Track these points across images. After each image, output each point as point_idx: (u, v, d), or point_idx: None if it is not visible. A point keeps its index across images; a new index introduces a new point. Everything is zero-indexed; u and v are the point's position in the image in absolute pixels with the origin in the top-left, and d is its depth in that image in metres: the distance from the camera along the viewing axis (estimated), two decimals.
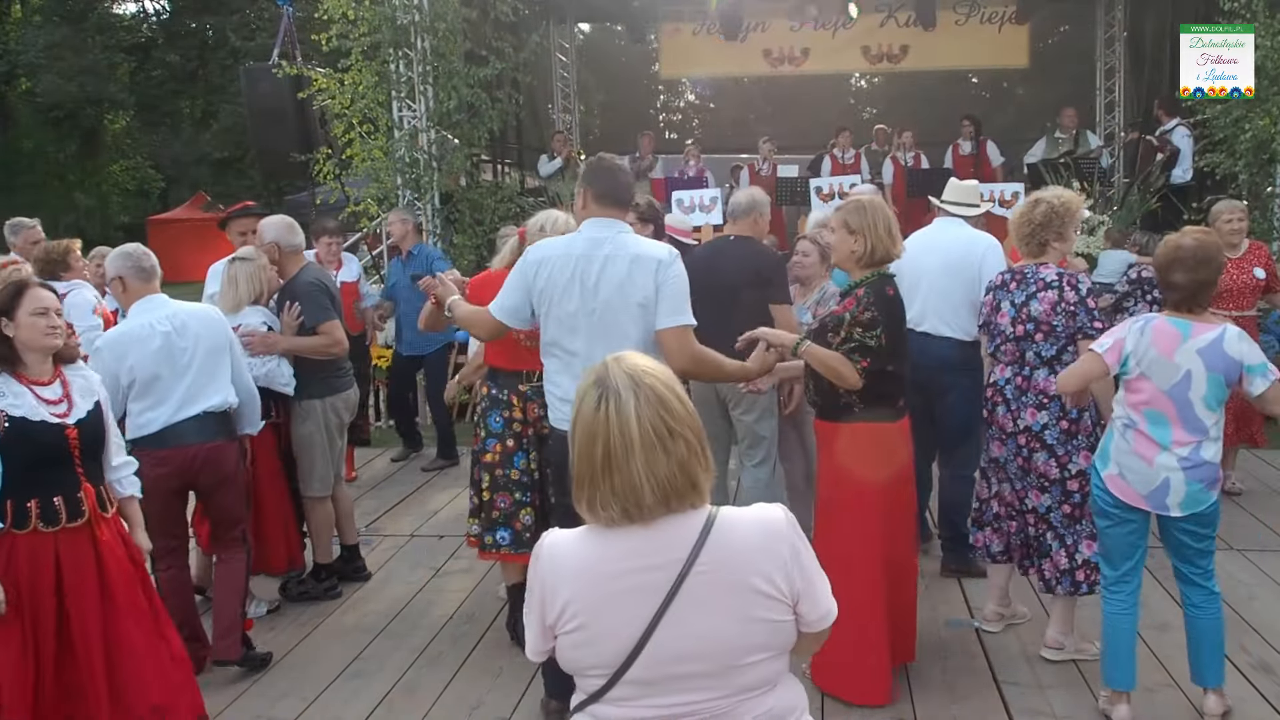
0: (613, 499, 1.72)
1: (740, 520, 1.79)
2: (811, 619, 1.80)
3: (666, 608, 1.72)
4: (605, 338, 3.28)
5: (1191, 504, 3.39)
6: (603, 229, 3.38)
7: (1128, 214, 9.25)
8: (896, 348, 3.64)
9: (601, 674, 1.76)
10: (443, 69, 9.19)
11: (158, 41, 26.81)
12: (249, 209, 5.44)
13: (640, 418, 1.71)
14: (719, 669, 1.74)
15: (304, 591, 4.93)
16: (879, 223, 3.65)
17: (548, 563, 1.80)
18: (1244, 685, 3.88)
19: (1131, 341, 3.43)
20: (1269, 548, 5.25)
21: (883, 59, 14.94)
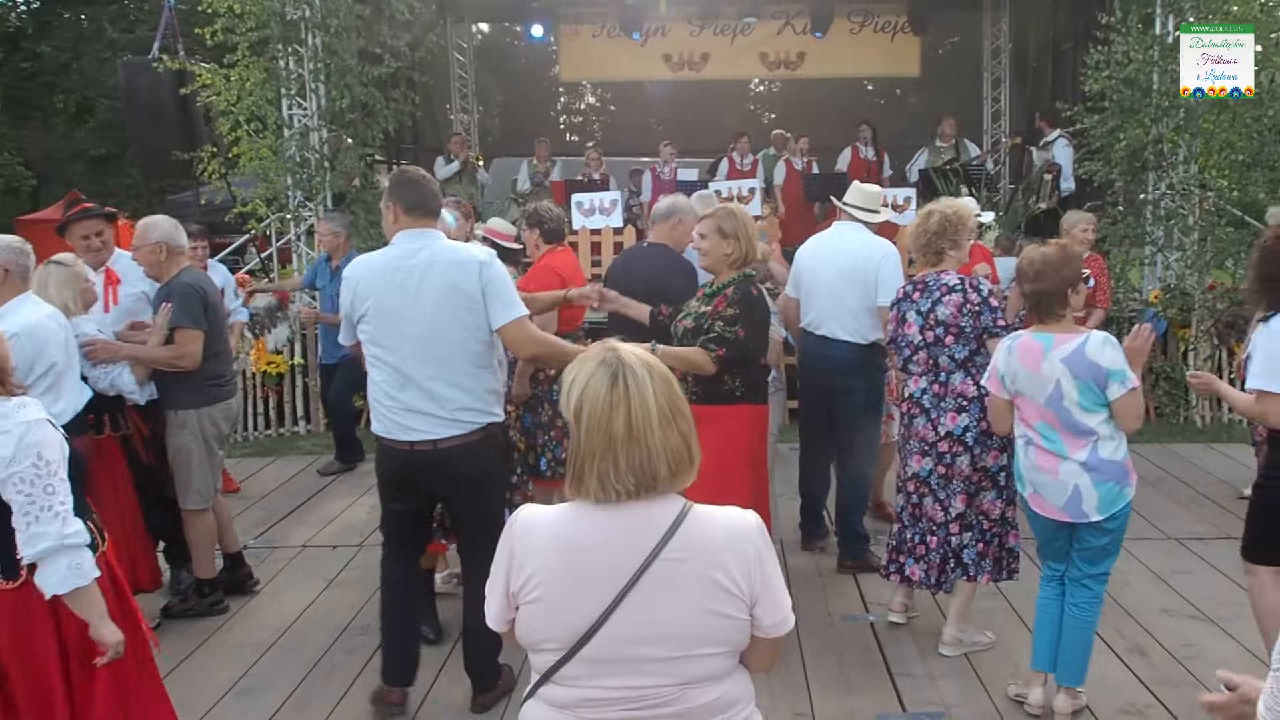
0: (629, 472, 1.77)
1: (712, 515, 1.84)
2: (766, 624, 1.84)
3: (631, 588, 1.76)
4: (429, 346, 3.39)
5: (1108, 505, 3.47)
6: (416, 239, 3.47)
7: (1012, 219, 9.60)
8: (757, 340, 4.00)
9: (556, 649, 1.79)
10: (335, 66, 8.97)
11: (27, 31, 25.55)
12: (89, 211, 4.89)
13: (656, 392, 1.80)
14: (672, 656, 1.78)
15: (188, 609, 4.74)
16: (749, 226, 4.01)
17: (521, 531, 1.85)
18: (1120, 668, 4.06)
19: (1002, 363, 3.56)
20: (1143, 535, 5.49)
21: (780, 65, 15.17)
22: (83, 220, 4.83)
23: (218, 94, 8.65)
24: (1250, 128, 7.83)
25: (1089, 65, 8.28)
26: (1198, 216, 8.40)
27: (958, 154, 11.45)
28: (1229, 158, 8.01)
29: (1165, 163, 8.40)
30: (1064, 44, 11.68)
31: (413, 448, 3.47)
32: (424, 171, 3.71)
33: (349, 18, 8.96)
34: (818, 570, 5.13)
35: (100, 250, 4.79)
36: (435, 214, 3.58)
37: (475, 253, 3.50)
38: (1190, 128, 8.20)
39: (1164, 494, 6.28)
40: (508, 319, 3.45)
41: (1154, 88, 8.18)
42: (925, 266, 4.25)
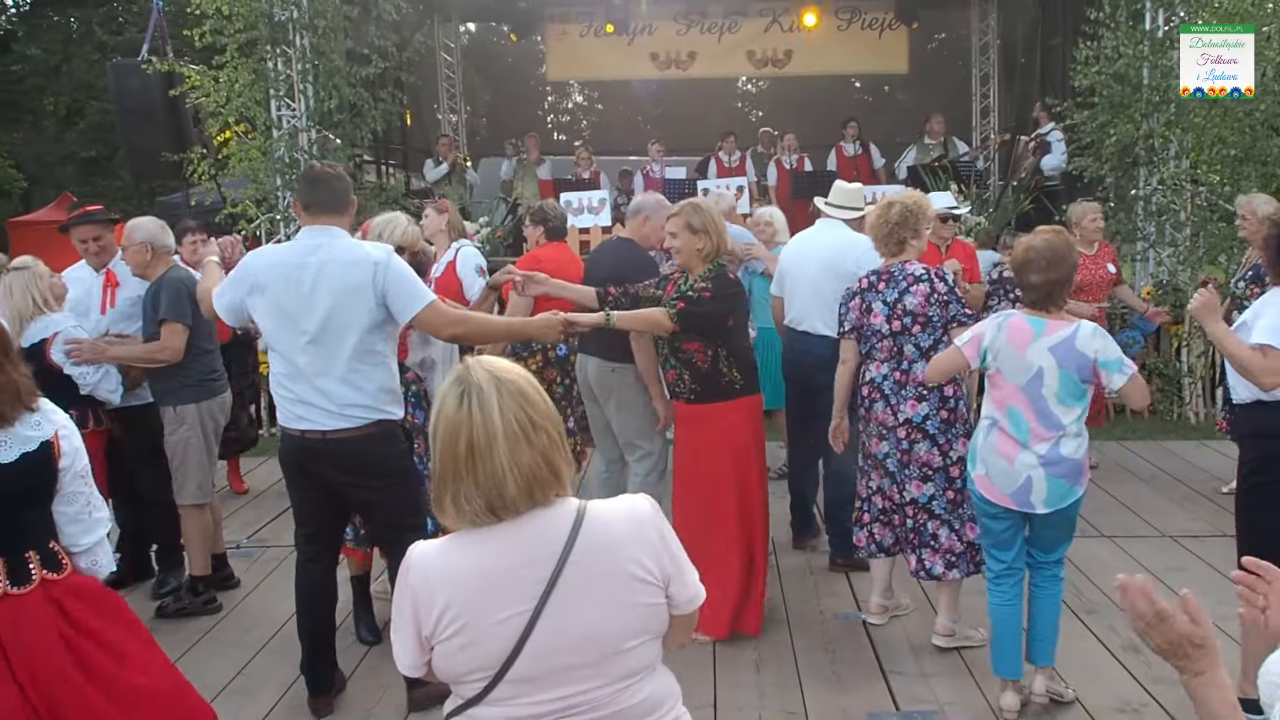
0: (476, 492, 1.74)
1: (608, 510, 1.84)
2: (681, 600, 1.85)
3: (546, 601, 1.73)
4: (319, 343, 3.46)
5: (1055, 500, 3.48)
6: (316, 236, 3.52)
7: (1002, 215, 9.60)
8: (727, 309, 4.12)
9: (483, 677, 1.75)
10: (323, 67, 8.95)
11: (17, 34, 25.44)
12: (90, 215, 4.95)
13: (503, 410, 1.75)
14: (600, 657, 1.76)
15: (181, 608, 4.73)
16: (717, 220, 4.14)
17: (418, 573, 1.79)
18: (1114, 665, 4.06)
19: (989, 336, 3.54)
20: (1136, 533, 5.50)
21: (768, 63, 15.16)
22: (82, 224, 4.90)
23: (207, 95, 8.62)
24: (1242, 122, 7.84)
25: (1079, 61, 8.28)
26: (1189, 212, 8.42)
27: (946, 151, 11.46)
28: (1220, 153, 8.02)
29: (1156, 158, 8.41)
30: (1053, 39, 11.69)
31: (304, 435, 3.56)
32: (334, 169, 3.73)
33: (336, 18, 8.94)
34: (809, 568, 5.12)
35: (99, 254, 4.87)
36: (338, 212, 3.60)
37: (371, 252, 3.50)
38: (1181, 123, 8.21)
39: (1158, 491, 6.29)
40: (417, 308, 3.49)
41: (1144, 83, 8.19)
42: (887, 257, 4.26)
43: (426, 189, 11.72)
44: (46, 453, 2.64)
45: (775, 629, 4.45)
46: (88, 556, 2.76)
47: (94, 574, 2.77)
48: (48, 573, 2.65)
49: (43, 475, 2.65)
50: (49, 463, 2.65)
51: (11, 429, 2.61)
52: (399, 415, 3.73)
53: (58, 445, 2.66)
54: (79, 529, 2.71)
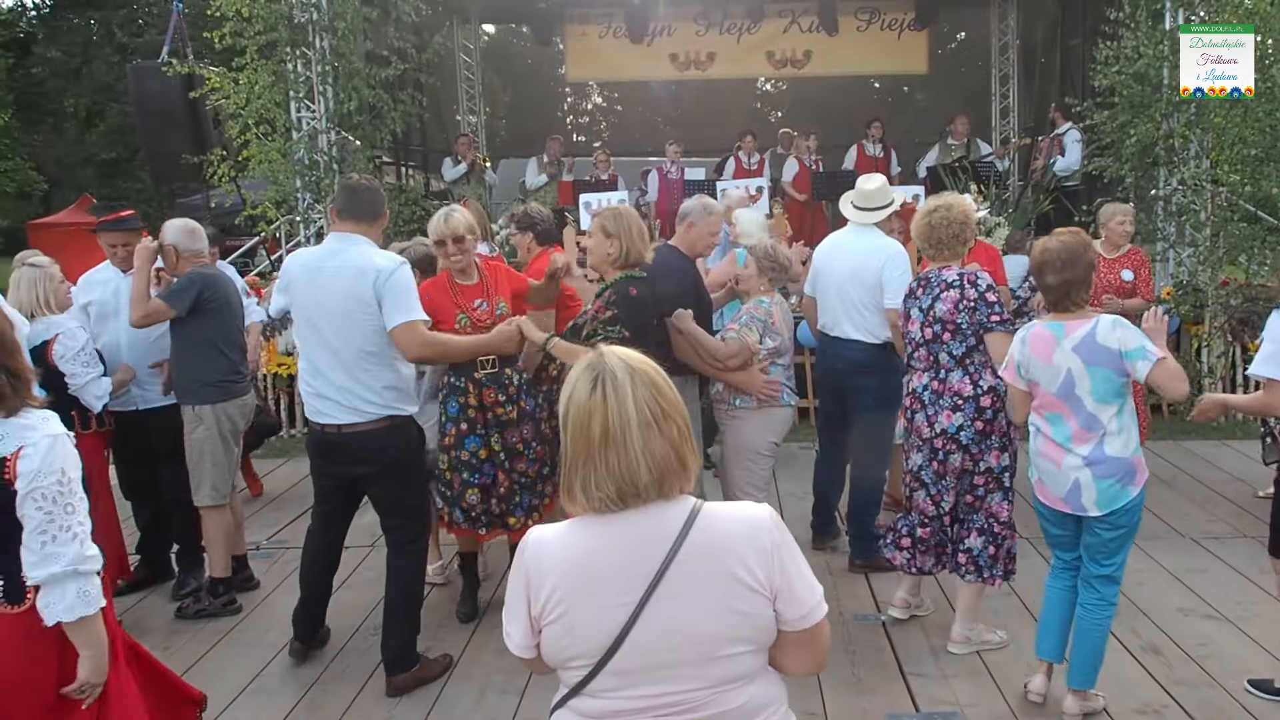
0: (608, 478, 1.75)
1: (724, 512, 1.83)
2: (790, 617, 1.79)
3: (650, 596, 1.74)
4: (332, 342, 3.78)
5: (1107, 502, 3.43)
6: (339, 242, 3.83)
7: (1021, 216, 9.56)
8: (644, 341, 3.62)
9: (585, 664, 1.77)
10: (343, 69, 8.99)
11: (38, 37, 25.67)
12: (122, 221, 5.04)
13: (637, 398, 1.76)
14: (699, 659, 1.76)
15: (201, 609, 4.76)
16: (632, 228, 3.99)
17: (533, 555, 1.82)
18: (1135, 667, 4.04)
19: (1017, 352, 3.57)
20: (1157, 535, 5.46)
21: (787, 64, 15.15)
22: (112, 231, 5.01)
23: (226, 97, 8.68)
24: (1263, 122, 7.77)
25: (1098, 61, 8.23)
26: (1210, 212, 8.35)
27: (968, 152, 11.42)
28: (1241, 153, 7.95)
29: (1176, 158, 8.35)
30: (1072, 39, 11.64)
31: (323, 429, 3.89)
32: (369, 182, 4.03)
33: (356, 20, 8.97)
34: (829, 569, 5.11)
35: (127, 258, 4.89)
36: (363, 219, 3.87)
37: (379, 260, 3.75)
38: (1202, 123, 8.15)
39: (1178, 492, 6.25)
40: (396, 322, 3.73)
41: (1164, 83, 8.14)
42: (930, 261, 4.25)
43: (445, 190, 11.76)
44: None
45: None
46: (42, 595, 2.41)
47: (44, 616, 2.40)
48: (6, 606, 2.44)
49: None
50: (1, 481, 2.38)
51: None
52: (410, 411, 3.99)
53: (14, 463, 2.38)
54: (31, 559, 2.38)
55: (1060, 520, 3.60)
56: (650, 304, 4.04)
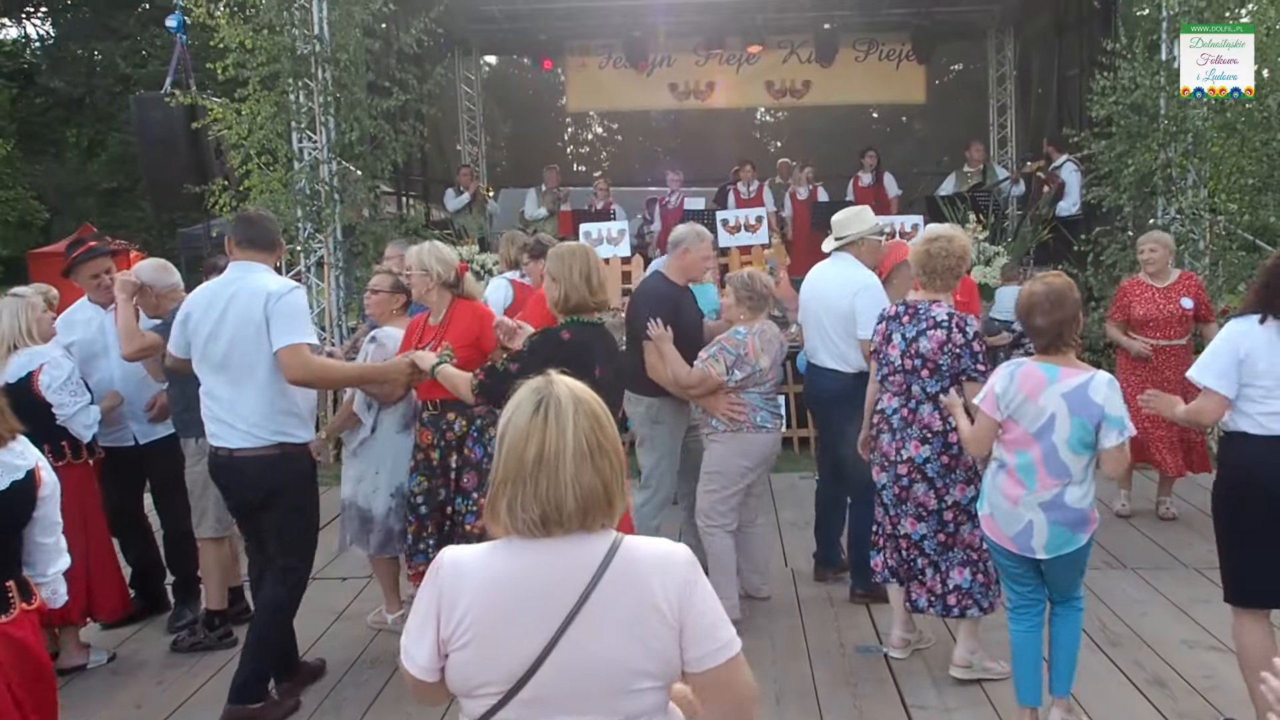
0: (535, 502, 1.74)
1: (643, 545, 1.83)
2: (697, 653, 1.77)
3: (569, 624, 1.72)
4: (226, 366, 3.79)
5: (1055, 547, 3.48)
6: (238, 270, 3.89)
7: (1020, 245, 9.59)
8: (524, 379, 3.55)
9: (494, 692, 1.75)
10: (345, 100, 9.05)
11: (41, 67, 25.85)
12: (93, 250, 4.92)
13: (577, 427, 1.77)
14: (609, 691, 1.74)
15: (196, 642, 4.71)
16: (574, 270, 3.70)
17: (449, 574, 1.80)
18: (1139, 700, 4.00)
19: (1000, 385, 3.54)
20: (1161, 566, 5.43)
21: (786, 94, 15.26)
22: (89, 260, 4.86)
23: (229, 128, 8.73)
24: (1260, 151, 7.81)
25: (1095, 91, 8.29)
26: (1208, 241, 8.37)
27: (984, 178, 11.46)
28: (1239, 182, 7.99)
29: (1174, 188, 8.39)
30: (1070, 70, 11.72)
31: (217, 452, 3.90)
32: (266, 213, 4.16)
33: (358, 52, 9.05)
34: (830, 600, 5.08)
35: (111, 287, 4.75)
36: (264, 248, 3.97)
37: (272, 285, 3.80)
38: (1199, 152, 8.19)
39: (1181, 522, 6.22)
40: (281, 344, 3.74)
41: (1161, 113, 8.19)
42: (921, 289, 4.25)
43: (447, 219, 11.80)
44: (30, 482, 2.75)
45: (796, 661, 4.41)
46: (49, 587, 2.86)
47: (53, 603, 2.89)
48: (24, 603, 2.76)
49: (25, 504, 2.76)
50: (32, 492, 2.75)
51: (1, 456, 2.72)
52: (304, 439, 3.96)
53: (39, 475, 2.77)
54: (50, 558, 2.81)
55: (1010, 555, 3.61)
56: (590, 351, 3.62)
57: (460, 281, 4.41)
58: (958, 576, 4.12)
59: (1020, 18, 13.84)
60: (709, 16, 13.95)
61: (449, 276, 4.35)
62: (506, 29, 14.75)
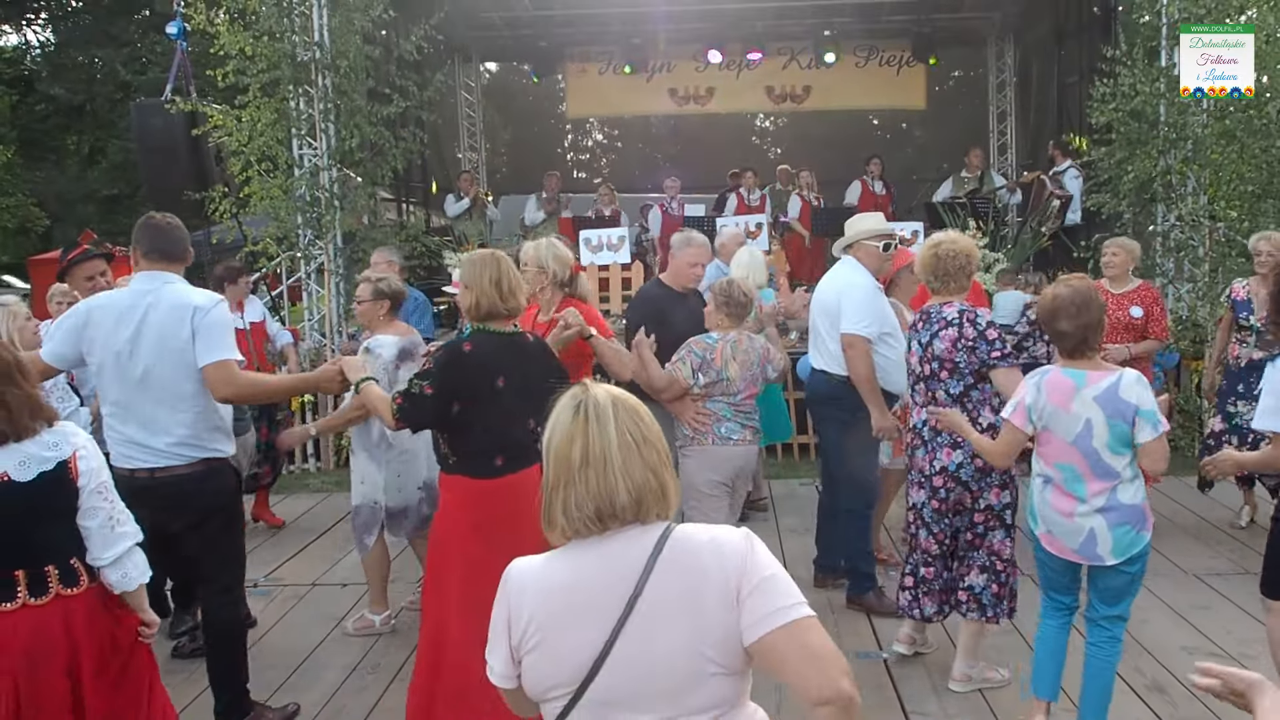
0: (588, 498, 1.78)
1: (695, 533, 1.83)
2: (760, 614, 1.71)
3: (625, 621, 1.74)
4: (146, 383, 3.58)
5: (1123, 549, 3.42)
6: (150, 281, 3.67)
7: (1020, 252, 9.60)
8: (443, 403, 3.42)
9: (563, 694, 1.78)
10: (345, 106, 9.07)
11: (41, 74, 25.88)
12: (88, 252, 4.92)
13: (619, 422, 1.82)
14: (678, 683, 1.75)
15: (197, 648, 4.68)
16: (485, 276, 3.54)
17: (515, 584, 1.85)
18: (1139, 706, 4.00)
19: (1030, 396, 3.48)
20: (1160, 572, 5.42)
21: (786, 99, 15.31)
22: (84, 262, 4.86)
23: (229, 134, 8.74)
24: (1259, 158, 7.83)
25: (1095, 98, 8.31)
26: (1208, 248, 8.39)
27: (981, 184, 11.47)
28: (1239, 189, 8.00)
29: (1174, 194, 8.40)
30: (1070, 77, 11.75)
31: (133, 474, 3.62)
32: (171, 219, 3.82)
33: (358, 59, 9.07)
34: (830, 607, 5.07)
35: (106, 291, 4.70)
36: (174, 259, 3.74)
37: (196, 299, 3.64)
38: (1199, 159, 8.20)
39: (1181, 529, 6.22)
40: (208, 360, 3.59)
41: (1161, 119, 8.20)
42: (933, 295, 4.24)
43: (447, 226, 11.81)
44: (63, 472, 2.78)
45: None
46: (116, 569, 2.88)
47: (124, 586, 2.90)
48: (64, 589, 2.80)
49: (61, 493, 2.79)
50: (67, 481, 2.78)
51: (28, 449, 2.75)
52: (228, 453, 3.81)
53: (75, 465, 2.80)
54: (100, 543, 2.83)
55: (1065, 567, 3.57)
56: (493, 362, 3.49)
57: (574, 280, 4.40)
58: (973, 577, 4.09)
59: (1020, 25, 13.89)
60: (709, 24, 14.00)
61: (564, 275, 4.37)
62: (506, 36, 14.80)
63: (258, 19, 8.73)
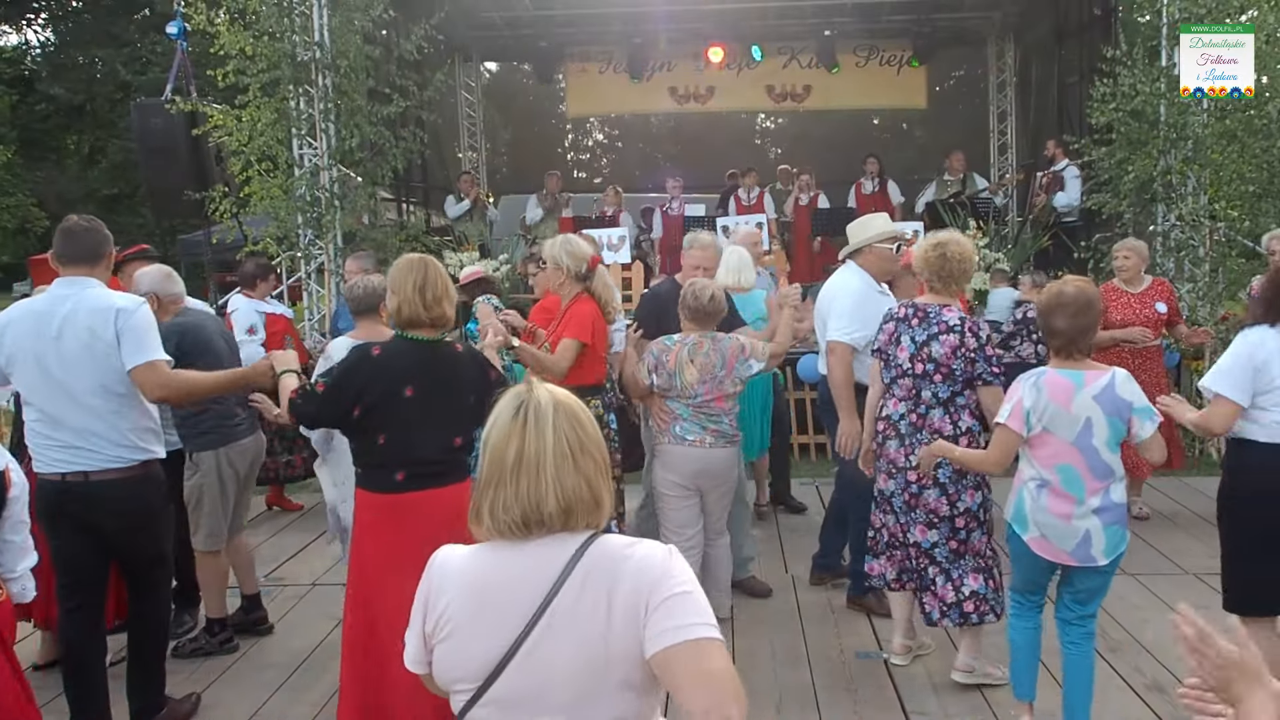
0: (515, 503, 1.76)
1: (616, 543, 1.80)
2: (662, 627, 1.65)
3: (535, 623, 1.72)
4: (72, 388, 3.56)
5: (1113, 549, 3.45)
6: (68, 287, 3.64)
7: (1020, 252, 9.60)
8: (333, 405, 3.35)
9: (467, 689, 1.77)
10: (345, 106, 9.07)
11: (42, 74, 25.91)
12: (146, 252, 5.15)
13: (556, 428, 1.78)
14: (581, 693, 1.71)
15: (197, 648, 4.71)
16: (409, 283, 3.41)
17: (437, 571, 1.85)
18: (1139, 705, 3.99)
19: (1029, 398, 3.47)
20: (1160, 571, 5.43)
21: (786, 98, 15.29)
22: (137, 260, 5.00)
23: (229, 134, 8.75)
24: (1260, 158, 7.83)
25: (1095, 98, 8.31)
26: (1208, 248, 8.39)
27: (964, 187, 11.48)
28: (1239, 189, 8.00)
29: (1174, 194, 8.40)
30: (1070, 77, 11.74)
31: (64, 479, 3.59)
32: (88, 222, 3.79)
33: (359, 58, 9.07)
34: (830, 606, 5.08)
35: None
36: (89, 262, 3.69)
37: (118, 301, 3.62)
38: (1199, 159, 8.20)
39: (1180, 528, 6.22)
40: (136, 362, 3.57)
41: (1161, 119, 8.20)
42: (930, 295, 4.24)
43: (447, 226, 11.81)
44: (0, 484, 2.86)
45: (795, 667, 4.41)
46: (19, 582, 2.95)
47: (21, 598, 2.98)
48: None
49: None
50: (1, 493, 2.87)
51: None
52: (160, 454, 3.82)
53: (8, 476, 2.87)
54: (19, 555, 2.89)
55: (1046, 569, 3.60)
56: (400, 369, 3.36)
57: (591, 274, 4.43)
58: (973, 583, 4.09)
59: (1020, 25, 13.89)
60: (709, 24, 13.99)
61: (579, 269, 4.40)
62: (507, 35, 14.79)
63: (258, 19, 8.74)
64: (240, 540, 4.90)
